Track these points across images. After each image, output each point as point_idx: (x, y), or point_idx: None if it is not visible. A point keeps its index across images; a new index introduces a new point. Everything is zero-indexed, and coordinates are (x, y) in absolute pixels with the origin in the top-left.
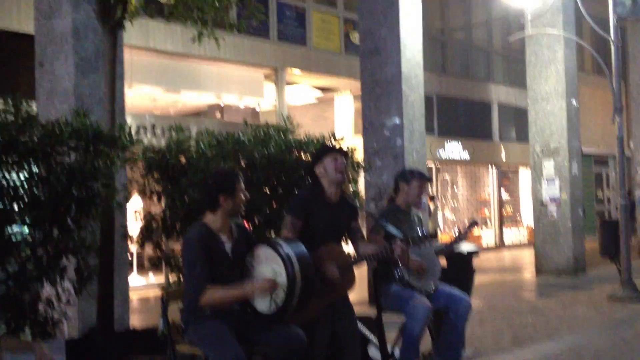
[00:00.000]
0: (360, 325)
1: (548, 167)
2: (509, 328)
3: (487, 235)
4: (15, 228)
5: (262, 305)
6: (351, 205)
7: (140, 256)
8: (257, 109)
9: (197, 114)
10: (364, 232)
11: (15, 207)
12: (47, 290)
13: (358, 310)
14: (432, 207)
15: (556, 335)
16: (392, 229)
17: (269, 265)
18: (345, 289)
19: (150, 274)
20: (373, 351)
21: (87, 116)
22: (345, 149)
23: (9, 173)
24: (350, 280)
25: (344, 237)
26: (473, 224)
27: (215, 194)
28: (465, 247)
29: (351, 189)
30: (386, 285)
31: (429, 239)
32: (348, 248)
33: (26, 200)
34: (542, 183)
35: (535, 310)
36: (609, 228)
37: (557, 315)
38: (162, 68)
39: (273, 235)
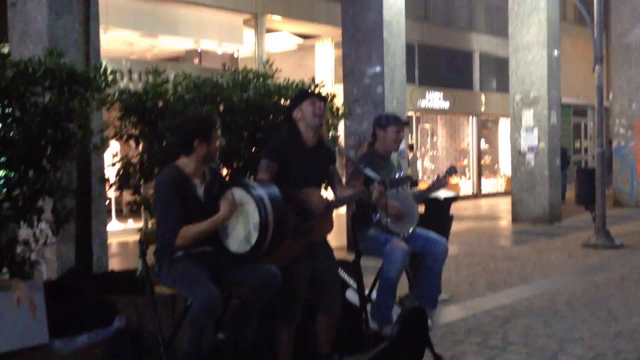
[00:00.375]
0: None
1: (527, 116)
2: (484, 273)
3: (465, 185)
4: None
5: (235, 245)
6: (329, 150)
7: (118, 202)
8: (236, 55)
9: (175, 59)
10: (344, 178)
11: None
12: (25, 232)
13: (336, 255)
14: (410, 155)
15: (530, 280)
16: (370, 173)
17: (241, 206)
18: (323, 233)
19: (130, 220)
20: (351, 295)
21: (61, 56)
22: (324, 94)
23: None
24: (328, 224)
25: (322, 183)
26: (451, 171)
27: (190, 138)
28: (443, 193)
29: (330, 135)
30: (364, 229)
31: (406, 181)
32: (326, 194)
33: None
34: (521, 132)
35: (510, 256)
36: (585, 177)
37: (531, 261)
38: (139, 11)
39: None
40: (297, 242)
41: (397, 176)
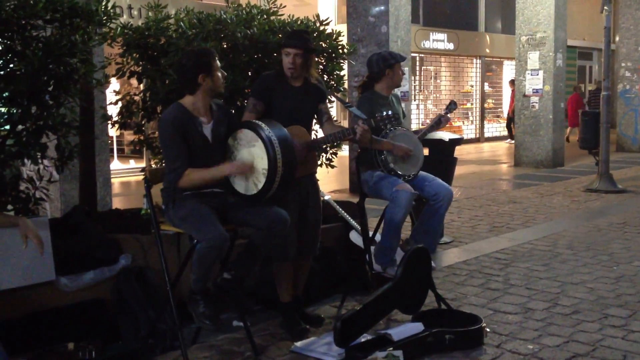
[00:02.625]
0: (341, 211)
1: (533, 58)
2: (486, 217)
3: (467, 128)
4: None
5: (242, 186)
6: (318, 88)
7: (119, 142)
8: None
9: None
10: (344, 121)
11: None
12: (29, 170)
13: (339, 197)
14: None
15: (532, 223)
16: (356, 111)
17: (250, 149)
18: (307, 170)
19: (132, 160)
20: (355, 236)
21: None
22: (328, 31)
23: None
24: (312, 162)
25: (311, 122)
26: (451, 106)
27: (193, 74)
28: (448, 135)
29: (335, 74)
30: (369, 171)
31: (392, 119)
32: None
33: (2, 74)
34: (526, 75)
35: (512, 200)
36: (589, 120)
37: (533, 205)
38: None
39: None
40: None
41: (383, 114)
